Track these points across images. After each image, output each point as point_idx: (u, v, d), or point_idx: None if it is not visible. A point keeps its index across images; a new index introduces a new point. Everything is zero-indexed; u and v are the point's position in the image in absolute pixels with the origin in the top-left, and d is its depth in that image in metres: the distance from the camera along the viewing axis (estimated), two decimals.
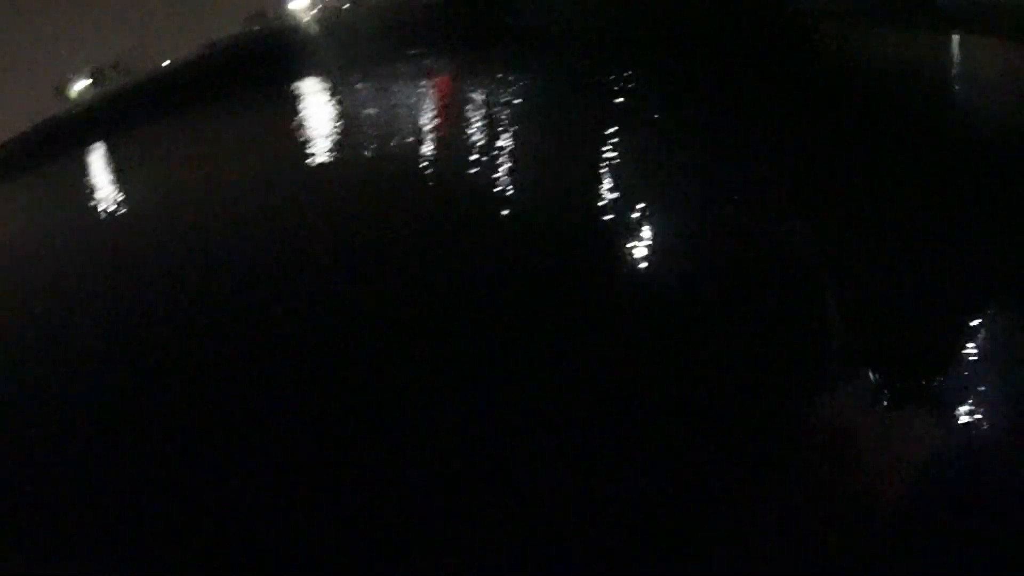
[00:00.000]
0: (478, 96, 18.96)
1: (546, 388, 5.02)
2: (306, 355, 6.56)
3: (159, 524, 4.77)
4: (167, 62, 41.51)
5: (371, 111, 20.40)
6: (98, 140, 32.48)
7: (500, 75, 21.34)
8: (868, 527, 3.41)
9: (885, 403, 4.15)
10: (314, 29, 38.15)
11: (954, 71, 15.42)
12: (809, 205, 7.61)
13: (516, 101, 17.30)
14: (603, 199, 8.61)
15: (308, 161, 14.58)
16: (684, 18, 23.26)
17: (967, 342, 4.48)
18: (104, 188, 20.25)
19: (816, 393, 4.36)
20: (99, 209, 16.51)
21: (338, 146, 15.84)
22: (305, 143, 16.75)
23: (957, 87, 13.54)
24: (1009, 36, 16.72)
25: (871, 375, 4.38)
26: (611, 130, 12.26)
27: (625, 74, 18.42)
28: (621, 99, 15.70)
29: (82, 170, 26.03)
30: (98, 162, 28.22)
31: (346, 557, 4.10)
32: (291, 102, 25.44)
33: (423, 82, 23.79)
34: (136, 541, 4.72)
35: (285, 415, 5.65)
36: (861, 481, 3.62)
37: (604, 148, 10.90)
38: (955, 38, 18.49)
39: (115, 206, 16.39)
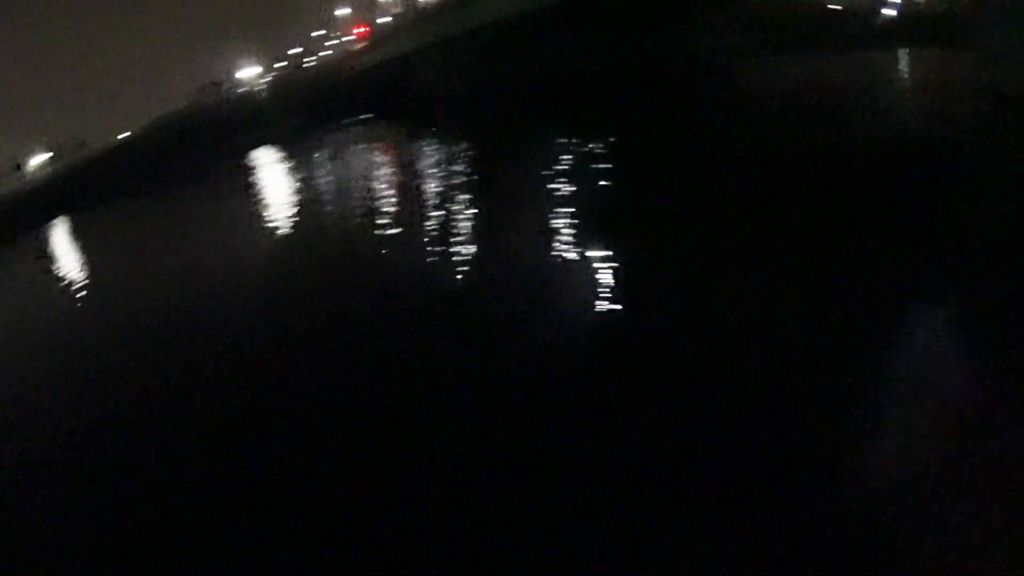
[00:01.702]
0: (418, 159, 20.58)
1: None
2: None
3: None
4: (124, 135, 42.46)
5: (327, 178, 21.72)
6: (57, 214, 32.98)
7: (427, 138, 23.31)
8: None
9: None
10: (263, 97, 39.74)
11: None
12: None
13: (447, 160, 18.82)
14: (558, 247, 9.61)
15: (276, 231, 15.38)
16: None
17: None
18: (65, 262, 20.79)
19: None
20: (63, 286, 17.07)
21: (303, 215, 16.77)
22: (270, 213, 17.57)
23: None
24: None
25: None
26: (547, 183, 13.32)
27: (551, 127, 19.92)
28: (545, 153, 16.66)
29: (43, 245, 26.54)
30: (59, 236, 28.75)
31: None
32: (249, 171, 26.62)
33: (367, 147, 25.56)
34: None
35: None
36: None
37: (545, 200, 11.95)
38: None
39: (78, 281, 16.92)
